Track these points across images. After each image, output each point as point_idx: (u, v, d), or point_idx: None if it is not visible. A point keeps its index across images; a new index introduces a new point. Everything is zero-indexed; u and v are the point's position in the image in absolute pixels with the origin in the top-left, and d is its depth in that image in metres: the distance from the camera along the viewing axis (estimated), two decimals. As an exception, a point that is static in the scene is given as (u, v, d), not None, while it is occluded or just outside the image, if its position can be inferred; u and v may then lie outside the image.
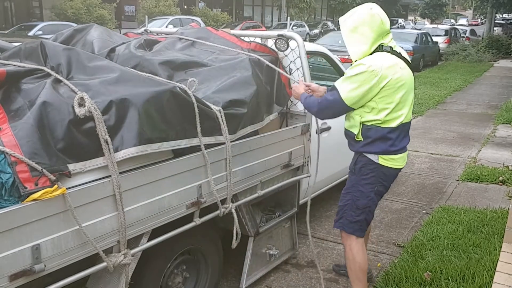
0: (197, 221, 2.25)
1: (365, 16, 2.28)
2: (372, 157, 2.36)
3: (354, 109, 2.32)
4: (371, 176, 2.39)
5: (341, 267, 3.01)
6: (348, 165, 2.98)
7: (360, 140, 2.37)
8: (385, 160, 2.36)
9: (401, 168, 2.46)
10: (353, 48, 2.32)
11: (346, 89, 2.25)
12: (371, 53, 2.29)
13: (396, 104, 2.28)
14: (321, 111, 2.39)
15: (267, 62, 2.67)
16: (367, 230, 2.64)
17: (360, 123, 2.34)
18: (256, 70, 2.59)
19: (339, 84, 2.29)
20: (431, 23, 42.72)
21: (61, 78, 1.92)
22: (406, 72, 2.31)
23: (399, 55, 2.33)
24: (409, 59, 2.40)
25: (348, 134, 2.45)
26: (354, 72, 2.24)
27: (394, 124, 2.31)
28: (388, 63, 2.25)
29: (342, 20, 2.37)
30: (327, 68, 4.33)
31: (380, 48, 2.30)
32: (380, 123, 2.31)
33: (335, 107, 2.32)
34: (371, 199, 2.42)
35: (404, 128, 2.37)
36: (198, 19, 18.73)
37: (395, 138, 2.34)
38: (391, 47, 2.32)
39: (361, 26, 2.28)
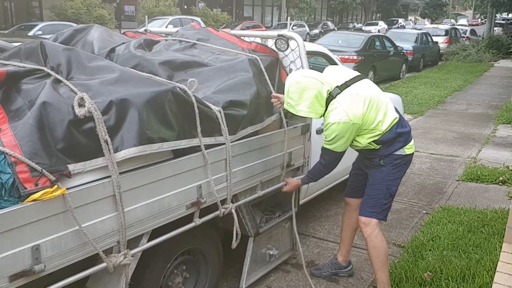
0: (197, 221, 2.25)
1: (296, 85, 2.37)
2: (400, 152, 2.53)
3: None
4: (401, 165, 2.57)
5: (323, 269, 3.00)
6: (349, 165, 2.98)
7: (380, 147, 2.50)
8: (408, 149, 2.56)
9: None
10: (311, 109, 2.39)
11: (337, 146, 2.42)
12: (327, 104, 2.40)
13: (383, 114, 2.44)
14: (330, 169, 2.60)
15: (263, 69, 2.66)
16: (354, 227, 2.89)
17: (368, 143, 2.48)
18: (256, 70, 2.59)
19: (328, 146, 2.44)
20: (431, 23, 42.68)
21: (61, 78, 1.92)
22: (365, 90, 2.45)
23: (350, 80, 2.45)
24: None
25: (366, 152, 2.57)
26: (332, 134, 2.37)
27: (395, 121, 2.48)
28: (350, 105, 2.37)
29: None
30: (327, 68, 4.32)
31: (331, 97, 2.40)
32: (384, 132, 2.46)
33: (338, 159, 2.52)
34: (398, 185, 2.64)
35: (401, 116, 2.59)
36: (198, 19, 18.72)
37: (405, 126, 2.55)
38: (337, 86, 2.42)
39: (303, 92, 2.36)
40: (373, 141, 2.47)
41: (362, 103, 2.38)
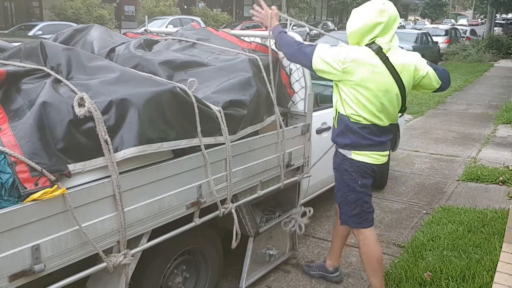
0: (197, 221, 2.25)
1: (373, 7, 2.29)
2: (345, 152, 2.45)
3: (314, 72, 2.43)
4: (348, 171, 2.46)
5: (312, 268, 2.98)
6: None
7: (335, 129, 2.48)
8: (357, 155, 2.41)
9: (375, 164, 2.44)
10: (349, 31, 2.37)
11: (320, 56, 2.33)
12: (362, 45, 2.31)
13: (361, 104, 2.31)
14: (292, 56, 2.49)
15: (263, 68, 2.66)
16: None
17: (336, 111, 2.45)
18: (256, 70, 2.59)
19: (320, 48, 2.35)
20: (431, 23, 42.70)
21: (61, 78, 1.92)
22: (379, 77, 2.27)
23: (385, 58, 2.27)
24: (399, 68, 2.31)
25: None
26: (335, 51, 2.32)
27: (364, 121, 2.35)
28: (362, 60, 2.25)
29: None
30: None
31: (369, 44, 2.29)
32: (350, 115, 2.37)
33: (303, 60, 2.44)
34: (359, 192, 2.47)
35: (377, 128, 2.38)
36: (198, 19, 18.72)
37: (365, 134, 2.37)
38: (380, 47, 2.27)
39: (362, 14, 2.31)
40: (338, 113, 2.41)
41: (363, 72, 2.29)
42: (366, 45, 2.30)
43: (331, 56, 2.31)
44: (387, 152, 2.50)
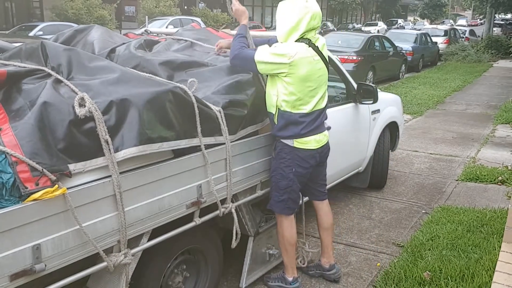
0: (197, 221, 2.26)
1: (298, 6, 2.42)
2: (287, 141, 2.54)
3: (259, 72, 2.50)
4: (287, 159, 2.56)
5: (309, 268, 3.00)
6: (348, 165, 2.98)
7: (275, 124, 2.54)
8: (299, 143, 2.54)
9: (316, 149, 2.60)
10: (279, 30, 2.48)
11: (262, 59, 2.40)
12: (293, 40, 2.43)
13: (307, 92, 2.46)
14: (234, 60, 2.48)
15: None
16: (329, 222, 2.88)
17: (277, 108, 2.49)
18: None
19: (259, 52, 2.42)
20: (431, 23, 42.72)
21: (61, 78, 1.93)
22: (317, 66, 2.49)
23: (316, 48, 2.49)
24: (326, 55, 2.57)
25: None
26: (273, 49, 2.40)
27: (306, 110, 2.50)
28: (303, 54, 2.41)
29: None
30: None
31: (300, 40, 2.45)
32: (293, 108, 2.47)
33: (248, 66, 2.46)
34: (290, 180, 2.59)
35: (316, 113, 2.55)
36: (198, 19, 18.70)
37: (307, 122, 2.52)
38: (309, 40, 2.46)
39: (290, 13, 2.43)
40: (278, 109, 2.47)
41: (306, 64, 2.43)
42: (296, 41, 2.43)
43: (272, 54, 2.39)
44: (326, 132, 2.67)
